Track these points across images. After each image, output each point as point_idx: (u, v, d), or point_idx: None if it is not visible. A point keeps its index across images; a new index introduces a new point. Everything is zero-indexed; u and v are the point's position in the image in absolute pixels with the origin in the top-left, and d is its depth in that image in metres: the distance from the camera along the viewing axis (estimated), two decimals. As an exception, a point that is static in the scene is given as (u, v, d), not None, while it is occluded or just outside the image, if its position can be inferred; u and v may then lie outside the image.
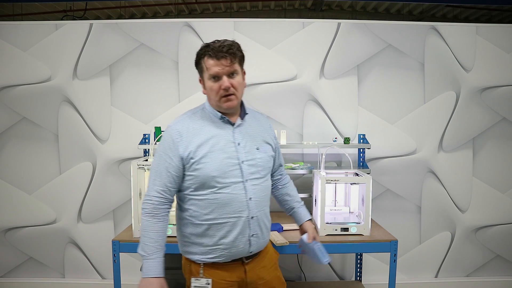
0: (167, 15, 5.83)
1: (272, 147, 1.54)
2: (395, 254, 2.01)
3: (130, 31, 2.67)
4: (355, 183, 2.22)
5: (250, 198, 1.40)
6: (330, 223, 2.10)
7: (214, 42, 1.38)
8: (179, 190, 1.43)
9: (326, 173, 2.19)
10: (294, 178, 2.71)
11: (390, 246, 2.02)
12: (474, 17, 5.96)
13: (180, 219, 1.47)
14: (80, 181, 2.73)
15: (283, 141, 2.52)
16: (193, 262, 1.44)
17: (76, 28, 2.67)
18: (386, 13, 5.95)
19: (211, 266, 1.42)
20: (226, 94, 1.37)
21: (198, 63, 1.42)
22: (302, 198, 1.86)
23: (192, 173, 1.38)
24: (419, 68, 2.75)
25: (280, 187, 1.71)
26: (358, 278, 2.74)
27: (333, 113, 2.74)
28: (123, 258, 2.30)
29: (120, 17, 5.66)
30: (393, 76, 2.75)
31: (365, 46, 2.71)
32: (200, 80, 1.45)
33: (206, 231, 1.39)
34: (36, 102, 2.69)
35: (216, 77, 1.36)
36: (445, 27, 2.72)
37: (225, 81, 1.36)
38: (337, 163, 2.76)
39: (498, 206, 2.82)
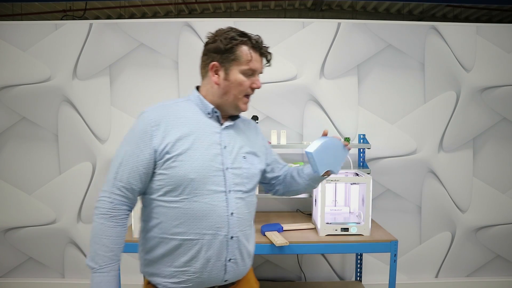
0: (167, 15, 5.83)
1: (262, 160, 1.35)
2: (395, 254, 2.01)
3: (130, 31, 2.67)
4: (355, 183, 2.22)
5: (232, 214, 1.17)
6: (330, 223, 2.10)
7: (249, 34, 1.21)
8: (145, 193, 1.19)
9: (326, 173, 2.18)
10: (294, 178, 2.71)
11: (390, 246, 2.02)
12: (475, 17, 5.95)
13: (143, 231, 1.22)
14: (80, 181, 2.72)
15: (283, 141, 2.52)
16: (154, 286, 1.19)
17: (76, 28, 2.66)
18: (386, 13, 5.95)
19: None
20: (249, 95, 1.24)
21: (231, 50, 1.18)
22: (302, 198, 1.86)
23: (164, 172, 1.13)
24: (419, 68, 2.75)
25: (284, 177, 1.47)
26: (358, 278, 2.74)
27: (333, 113, 2.74)
28: (123, 258, 2.28)
29: (120, 17, 5.65)
30: (393, 76, 2.75)
31: (365, 46, 2.71)
32: (212, 66, 1.21)
33: (173, 248, 1.15)
34: (36, 102, 2.68)
35: (251, 74, 1.21)
36: (445, 27, 2.72)
37: (259, 80, 1.23)
38: (337, 163, 2.76)
39: (498, 206, 2.82)
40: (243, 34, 1.20)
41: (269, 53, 1.24)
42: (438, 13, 5.87)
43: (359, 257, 2.73)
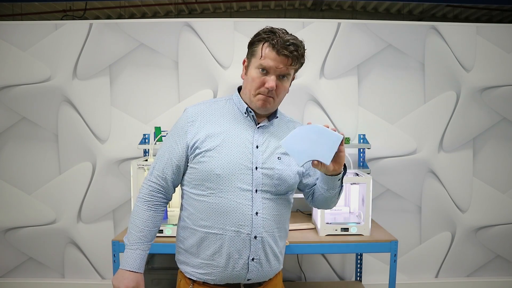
0: (167, 15, 5.83)
1: None
2: (395, 254, 2.01)
3: (130, 31, 2.66)
4: (355, 183, 2.22)
5: (257, 213, 1.17)
6: (330, 223, 2.10)
7: (283, 32, 1.18)
8: (182, 184, 1.27)
9: (326, 173, 2.18)
10: (294, 178, 2.71)
11: (390, 246, 2.02)
12: (475, 17, 5.95)
13: (179, 220, 1.29)
14: (80, 181, 2.72)
15: (283, 141, 2.52)
16: (184, 276, 1.25)
17: (75, 28, 2.66)
18: (386, 13, 5.95)
19: (202, 286, 1.22)
20: (266, 94, 1.19)
21: (253, 44, 1.20)
22: (302, 198, 1.85)
23: (194, 166, 1.19)
24: (419, 68, 2.75)
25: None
26: (358, 278, 2.74)
27: (333, 113, 2.74)
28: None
29: (120, 17, 5.65)
30: (393, 76, 2.75)
31: (365, 46, 2.71)
32: (244, 61, 1.25)
33: (200, 239, 1.19)
34: (36, 102, 2.68)
35: (265, 71, 1.17)
36: (445, 27, 2.72)
37: (272, 80, 1.16)
38: (337, 163, 2.75)
39: (499, 206, 2.82)
40: (270, 32, 1.17)
41: (291, 54, 1.15)
42: (438, 13, 5.87)
43: (359, 257, 2.73)
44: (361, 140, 2.68)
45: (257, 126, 1.24)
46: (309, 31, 2.70)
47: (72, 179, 2.73)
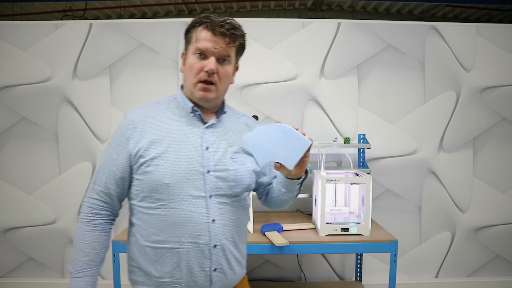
0: (167, 15, 5.83)
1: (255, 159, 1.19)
2: (395, 254, 2.00)
3: (130, 31, 2.66)
4: (355, 183, 2.22)
5: (213, 220, 1.09)
6: (330, 223, 2.10)
7: (216, 16, 1.11)
8: (129, 198, 1.16)
9: (326, 173, 2.19)
10: (294, 178, 2.71)
11: (390, 246, 2.01)
12: (475, 17, 5.95)
13: (129, 236, 1.17)
14: (80, 181, 2.72)
15: (283, 141, 2.52)
16: None
17: (76, 28, 2.66)
18: (386, 13, 5.95)
19: None
20: (206, 81, 1.09)
21: (188, 32, 1.15)
22: (302, 198, 1.85)
23: (139, 177, 1.09)
24: (419, 68, 2.75)
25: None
26: (358, 278, 2.74)
27: (333, 113, 2.74)
28: (123, 258, 2.29)
29: (120, 17, 5.65)
30: (393, 76, 2.75)
31: (365, 46, 2.71)
32: (182, 55, 1.18)
33: (156, 256, 1.09)
34: (36, 102, 2.68)
35: (203, 55, 1.09)
36: (445, 27, 2.72)
37: (212, 63, 1.08)
38: (337, 163, 2.76)
39: (499, 206, 2.82)
40: (203, 17, 1.11)
41: (228, 32, 1.08)
42: (438, 13, 5.87)
43: (359, 257, 2.73)
44: (361, 140, 2.68)
45: (205, 125, 1.14)
46: (309, 31, 2.70)
47: (72, 179, 2.73)
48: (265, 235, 2.07)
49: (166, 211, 1.07)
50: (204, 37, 1.09)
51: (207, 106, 1.16)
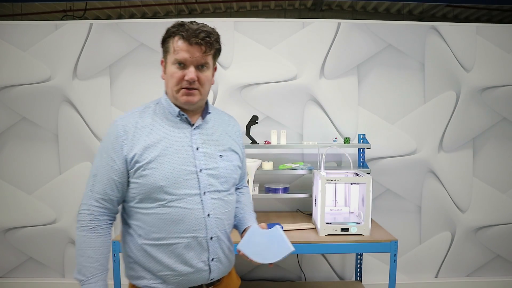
0: (167, 15, 5.83)
1: (239, 156, 1.31)
2: (395, 254, 2.01)
3: (130, 31, 2.67)
4: (355, 183, 2.22)
5: (209, 215, 1.16)
6: (330, 223, 2.10)
7: (191, 23, 1.16)
8: (124, 201, 1.21)
9: (326, 173, 2.19)
10: (294, 178, 2.71)
11: (390, 246, 2.02)
12: (475, 17, 5.95)
13: (125, 236, 1.23)
14: (80, 181, 2.72)
15: (283, 141, 2.52)
16: None
17: (76, 28, 2.66)
18: (386, 13, 5.95)
19: None
20: (188, 87, 1.15)
21: (165, 41, 1.21)
22: (302, 198, 1.85)
23: (136, 181, 1.14)
24: (419, 68, 2.75)
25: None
26: (358, 278, 2.74)
27: (333, 113, 2.74)
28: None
29: (120, 17, 5.65)
30: (393, 76, 2.75)
31: (365, 46, 2.71)
32: (161, 62, 1.25)
33: (155, 253, 1.15)
34: (36, 102, 2.69)
35: (182, 64, 1.15)
36: (445, 27, 2.72)
37: (191, 72, 1.14)
38: (337, 163, 2.76)
39: (498, 206, 2.82)
40: (178, 25, 1.16)
41: (203, 41, 1.13)
42: (438, 13, 5.87)
43: (359, 257, 2.73)
44: (361, 140, 2.69)
45: (193, 127, 1.21)
46: (309, 31, 2.70)
47: (72, 179, 2.73)
48: (265, 235, 2.06)
49: (165, 210, 1.13)
50: (181, 48, 1.14)
51: (192, 109, 1.22)
